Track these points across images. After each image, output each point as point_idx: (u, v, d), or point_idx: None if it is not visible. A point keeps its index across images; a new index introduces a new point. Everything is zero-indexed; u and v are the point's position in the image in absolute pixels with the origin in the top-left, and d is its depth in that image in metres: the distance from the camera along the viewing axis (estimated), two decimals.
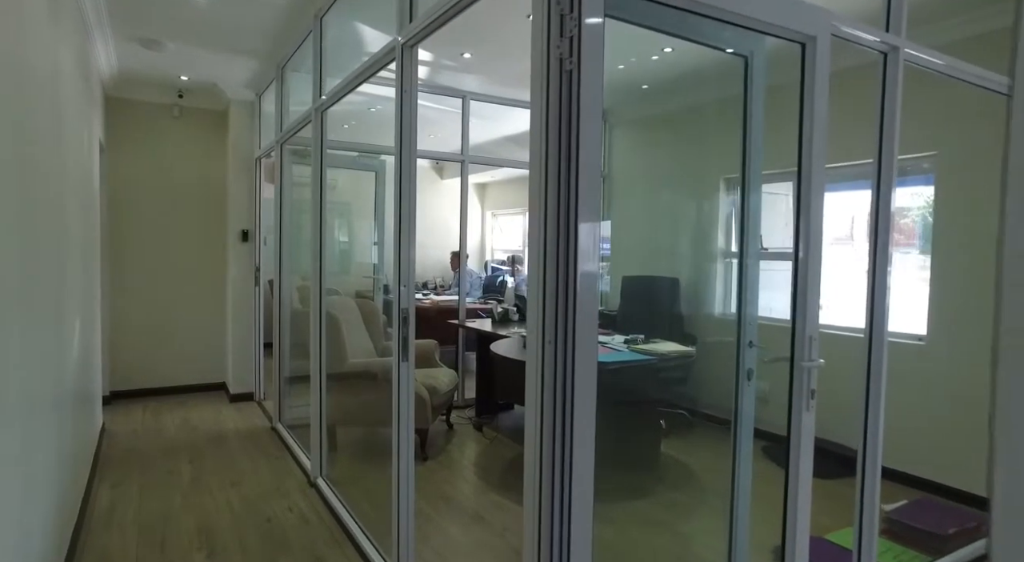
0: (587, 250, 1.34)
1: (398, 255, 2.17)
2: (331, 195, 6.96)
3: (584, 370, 1.35)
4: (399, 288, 2.16)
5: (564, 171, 1.37)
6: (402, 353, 2.16)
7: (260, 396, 5.06)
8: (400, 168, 2.18)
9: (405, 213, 2.17)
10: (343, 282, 6.58)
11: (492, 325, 4.71)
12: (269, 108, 4.48)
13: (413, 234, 2.18)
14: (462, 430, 4.43)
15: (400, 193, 2.18)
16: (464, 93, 4.90)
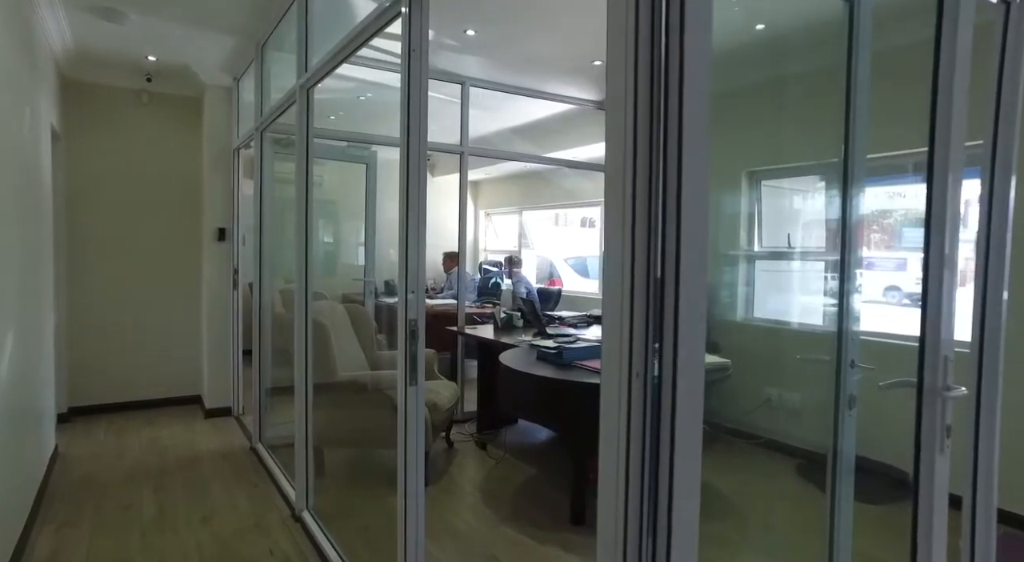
0: (695, 261, 0.95)
1: (405, 255, 1.76)
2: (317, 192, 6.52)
3: (688, 411, 0.96)
4: (405, 295, 1.75)
5: (656, 149, 0.98)
6: (410, 375, 1.75)
7: (239, 411, 4.60)
8: (408, 144, 1.77)
9: (413, 204, 1.76)
10: (330, 285, 6.14)
11: (495, 332, 4.31)
12: (249, 96, 4.04)
13: (422, 229, 1.77)
14: (464, 448, 4.02)
15: (408, 179, 1.77)
16: (464, 78, 4.49)
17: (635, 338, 0.97)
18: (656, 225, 1.00)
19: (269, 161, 3.82)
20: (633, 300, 0.97)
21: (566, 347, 3.08)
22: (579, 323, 4.64)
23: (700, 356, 0.99)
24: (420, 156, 1.79)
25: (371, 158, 4.51)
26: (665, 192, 0.99)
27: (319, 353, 3.43)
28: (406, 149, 1.77)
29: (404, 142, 1.77)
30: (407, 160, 1.77)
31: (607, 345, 1.01)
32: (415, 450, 1.82)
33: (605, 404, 1.02)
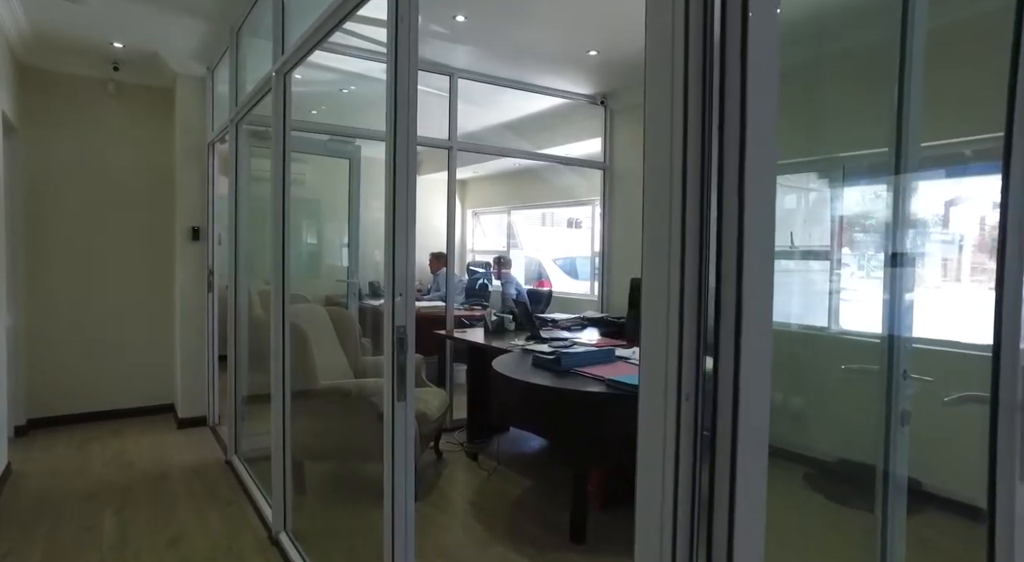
0: (759, 263, 0.76)
1: (392, 254, 1.55)
2: (299, 191, 6.27)
3: (752, 441, 0.77)
4: (392, 299, 1.54)
5: (709, 128, 0.79)
6: (398, 388, 1.53)
7: (214, 420, 4.34)
8: (395, 131, 1.56)
9: (401, 199, 1.55)
10: (312, 287, 5.89)
11: (485, 336, 4.10)
12: (224, 87, 3.79)
13: (412, 227, 1.56)
14: (453, 459, 3.80)
15: (395, 171, 1.56)
16: (452, 70, 4.28)
17: (685, 354, 0.77)
18: (707, 222, 0.80)
19: (245, 155, 3.58)
20: (683, 311, 0.78)
21: (564, 353, 2.89)
22: (573, 326, 4.45)
23: (766, 376, 0.80)
24: (410, 144, 1.58)
25: (354, 153, 4.28)
26: (721, 183, 0.80)
27: (298, 360, 3.21)
28: (392, 136, 1.56)
29: (391, 128, 1.56)
30: (394, 148, 1.56)
31: (648, 362, 0.82)
32: (403, 469, 1.61)
33: (645, 431, 0.83)
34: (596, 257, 6.50)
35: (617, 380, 2.50)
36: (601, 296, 5.19)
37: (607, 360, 2.95)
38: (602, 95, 4.94)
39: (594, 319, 4.68)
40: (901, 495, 1.37)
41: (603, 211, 5.14)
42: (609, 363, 2.93)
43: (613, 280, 5.09)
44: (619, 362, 2.97)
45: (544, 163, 6.69)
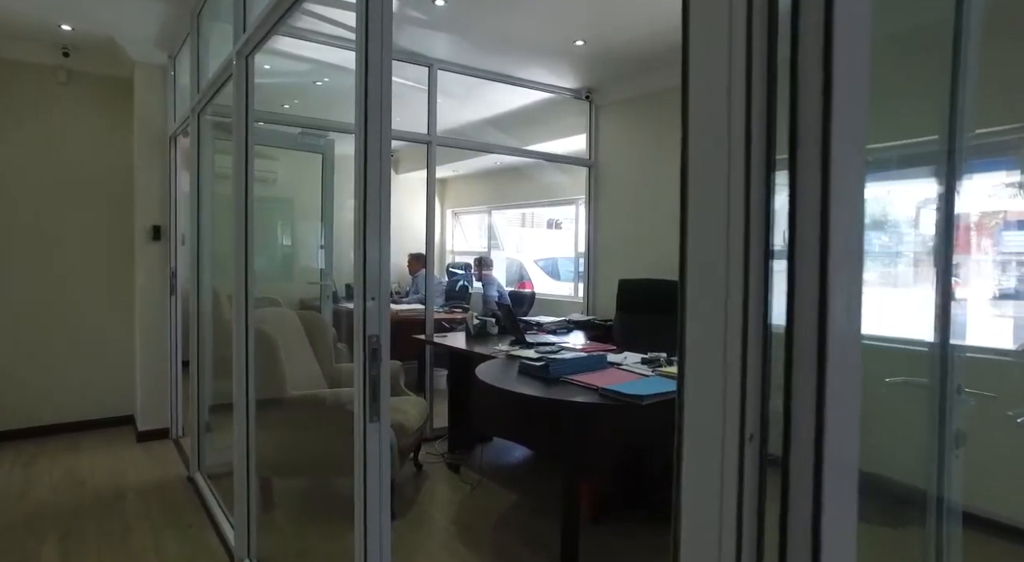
0: (846, 278, 0.58)
1: (362, 254, 1.34)
2: (271, 189, 5.99)
3: (839, 493, 0.59)
4: (363, 304, 1.33)
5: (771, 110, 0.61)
6: (370, 406, 1.33)
7: (177, 432, 4.06)
8: (365, 117, 1.35)
9: (373, 191, 1.35)
10: (286, 290, 5.63)
11: (467, 341, 3.89)
12: (187, 78, 3.53)
13: (386, 221, 1.36)
14: (434, 472, 3.59)
15: (365, 162, 1.35)
16: (431, 61, 4.07)
17: (749, 387, 0.59)
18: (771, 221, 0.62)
19: (208, 147, 3.33)
20: (746, 336, 0.59)
21: (553, 360, 2.70)
22: (559, 329, 4.27)
23: (855, 416, 0.61)
24: (383, 131, 1.38)
25: (327, 147, 4.05)
26: (795, 170, 0.62)
27: (265, 368, 2.97)
28: (363, 123, 1.35)
29: (360, 116, 1.36)
30: (364, 135, 1.35)
31: (696, 397, 0.63)
32: (377, 496, 1.40)
33: (695, 482, 0.64)
34: (580, 258, 6.35)
35: (612, 389, 2.31)
36: (586, 298, 5.02)
37: (598, 367, 2.77)
38: (587, 89, 4.78)
39: (580, 322, 4.51)
40: (956, 526, 1.21)
41: (588, 210, 4.97)
42: (601, 370, 2.74)
43: (599, 281, 4.93)
44: (611, 369, 2.79)
45: (527, 161, 6.51)
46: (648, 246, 4.47)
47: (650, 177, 4.46)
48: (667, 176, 4.32)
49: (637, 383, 2.44)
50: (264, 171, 5.90)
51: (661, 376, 2.60)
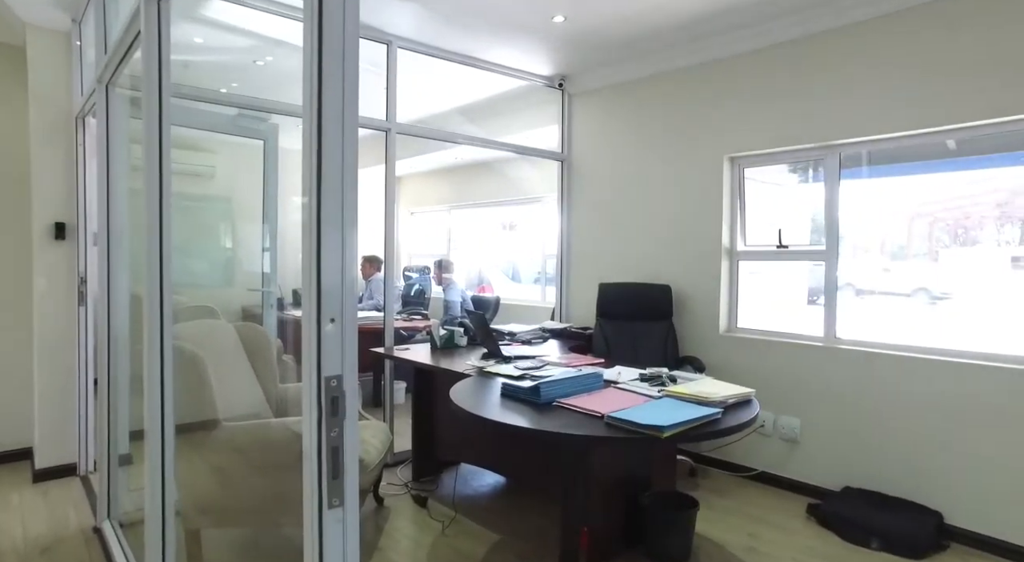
0: None
1: (314, 260, 0.89)
2: (208, 186, 5.35)
3: None
4: (317, 331, 0.88)
5: None
6: (329, 489, 0.88)
7: (87, 468, 3.43)
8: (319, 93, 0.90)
9: (331, 174, 0.90)
10: (224, 297, 5.02)
11: (432, 354, 3.44)
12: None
13: (351, 218, 0.91)
14: (398, 506, 3.12)
15: (319, 137, 0.90)
16: (390, 37, 3.60)
17: None
18: None
19: (121, 128, 2.75)
20: None
21: (543, 381, 2.28)
22: (534, 339, 3.87)
23: None
24: (346, 97, 0.93)
25: (270, 133, 3.52)
26: None
27: (191, 394, 2.46)
28: (315, 84, 0.90)
29: (312, 75, 0.91)
30: (317, 102, 0.90)
31: None
32: None
33: None
34: (549, 259, 5.97)
35: (622, 419, 1.92)
36: (560, 304, 4.64)
37: (594, 387, 2.37)
38: (560, 77, 4.40)
39: (556, 331, 4.12)
40: None
41: (560, 208, 4.59)
42: (597, 391, 2.35)
43: (573, 285, 4.56)
44: (609, 388, 2.41)
45: (490, 156, 6.10)
46: (626, 247, 4.13)
47: (628, 172, 4.12)
48: (646, 171, 3.99)
49: (648, 409, 2.06)
50: (200, 165, 5.27)
51: (671, 397, 2.22)
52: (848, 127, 3.07)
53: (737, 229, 3.66)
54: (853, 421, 3.07)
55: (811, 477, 3.21)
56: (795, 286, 3.81)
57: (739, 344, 3.55)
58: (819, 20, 3.11)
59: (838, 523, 2.80)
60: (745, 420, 2.02)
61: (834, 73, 3.10)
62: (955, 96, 2.72)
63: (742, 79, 3.48)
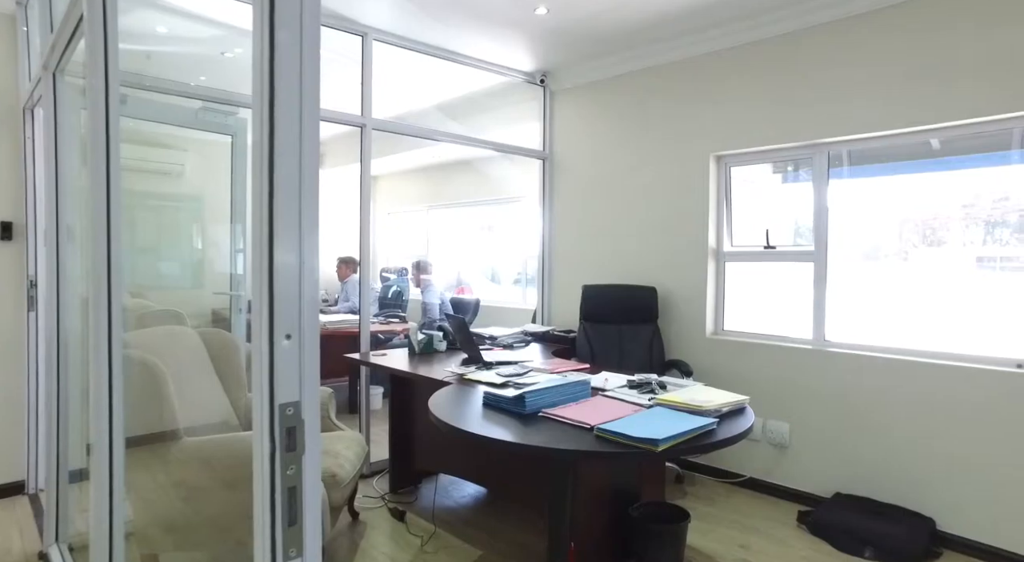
0: None
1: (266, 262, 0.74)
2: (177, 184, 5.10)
3: None
4: (268, 345, 0.73)
5: None
6: (284, 537, 0.73)
7: (35, 486, 3.20)
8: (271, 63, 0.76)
9: (286, 166, 0.76)
10: (194, 301, 4.79)
11: (410, 359, 3.29)
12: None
13: (311, 218, 0.77)
14: (374, 521, 2.96)
15: (271, 127, 0.76)
16: (365, 29, 3.44)
17: None
18: None
19: (71, 118, 2.55)
20: None
21: (528, 390, 2.15)
22: (516, 343, 3.74)
23: None
24: (305, 85, 0.79)
25: (239, 128, 3.33)
26: None
27: (148, 407, 2.28)
28: (266, 70, 0.76)
29: (263, 58, 0.76)
30: (269, 91, 0.76)
31: None
32: None
33: None
34: (530, 260, 5.85)
35: (613, 431, 1.80)
36: (541, 306, 4.52)
37: (581, 395, 2.25)
38: (542, 73, 4.28)
39: (538, 334, 4.00)
40: None
41: (542, 207, 4.47)
42: (585, 399, 2.23)
43: (555, 287, 4.44)
44: (597, 397, 2.29)
45: (469, 155, 5.96)
46: (610, 248, 4.03)
47: (611, 171, 4.01)
48: (631, 170, 3.89)
49: (639, 419, 1.94)
50: (168, 163, 5.04)
51: (662, 406, 2.11)
52: (838, 125, 3.00)
53: (724, 229, 3.58)
54: (843, 425, 3.00)
55: (801, 483, 3.13)
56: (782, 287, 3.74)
57: (726, 347, 3.47)
58: (808, 15, 3.04)
59: (830, 532, 2.72)
60: (740, 431, 1.92)
61: (824, 69, 3.04)
62: (943, 95, 2.66)
63: (729, 75, 3.40)
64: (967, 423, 2.63)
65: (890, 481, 2.84)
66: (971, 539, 2.62)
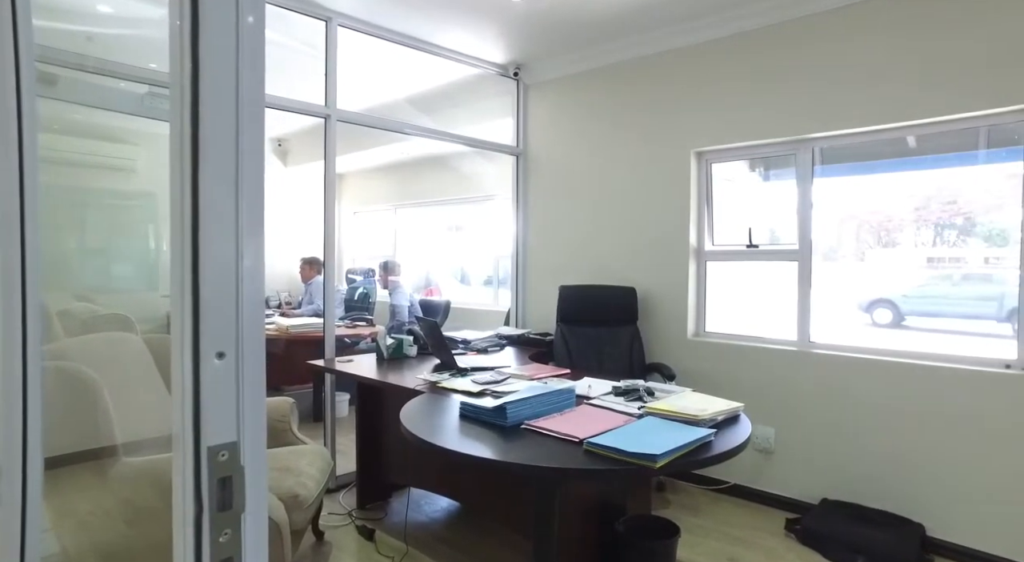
0: None
1: (188, 258, 0.55)
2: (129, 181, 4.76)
3: None
4: (193, 366, 0.54)
5: None
6: None
7: None
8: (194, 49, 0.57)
9: (219, 144, 0.57)
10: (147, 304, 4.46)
11: (378, 366, 3.08)
12: None
13: (255, 210, 0.58)
14: (340, 540, 2.75)
15: (195, 106, 0.57)
16: (330, 13, 3.23)
17: None
18: None
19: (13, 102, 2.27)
20: None
21: (507, 400, 1.98)
22: (491, 347, 3.56)
23: None
24: (241, 54, 0.60)
25: None
26: None
27: (80, 421, 2.04)
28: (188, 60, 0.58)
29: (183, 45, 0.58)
30: (189, 78, 0.58)
31: None
32: None
33: None
34: (503, 260, 5.68)
35: (605, 446, 1.65)
36: (516, 308, 4.35)
37: (566, 404, 2.09)
38: (516, 65, 4.12)
39: (513, 337, 3.83)
40: None
41: (515, 206, 4.31)
42: (570, 409, 2.07)
43: (530, 288, 4.28)
44: (582, 406, 2.13)
45: (438, 152, 5.75)
46: (588, 248, 3.89)
47: (588, 168, 3.88)
48: (608, 166, 3.76)
49: (631, 432, 1.79)
50: (118, 157, 4.71)
51: (653, 415, 1.97)
52: (825, 120, 2.91)
53: (705, 228, 3.48)
54: (829, 429, 2.92)
55: (787, 489, 3.04)
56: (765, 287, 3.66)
57: (708, 349, 3.36)
58: (793, 7, 2.95)
59: (820, 540, 2.62)
60: (738, 443, 1.78)
61: (808, 63, 2.95)
62: (924, 92, 2.60)
63: (710, 69, 3.30)
64: (955, 425, 2.57)
65: (878, 486, 2.77)
66: (961, 545, 2.55)
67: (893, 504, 2.72)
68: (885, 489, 2.75)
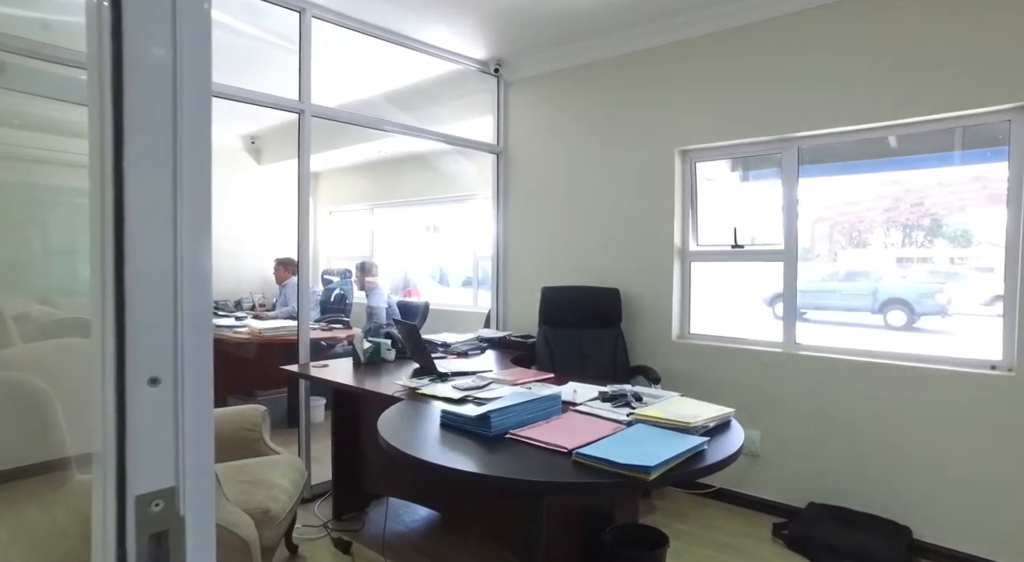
0: None
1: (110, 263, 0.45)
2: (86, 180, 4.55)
3: None
4: (118, 397, 0.44)
5: None
6: None
7: None
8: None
9: (153, 127, 0.47)
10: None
11: (355, 371, 2.96)
12: None
13: (201, 207, 0.48)
14: (315, 553, 2.62)
15: (117, 79, 0.47)
16: (303, 4, 3.09)
17: None
18: None
19: None
20: None
21: (491, 408, 1.89)
22: (471, 350, 3.46)
23: None
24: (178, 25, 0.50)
25: None
26: None
27: (29, 434, 1.91)
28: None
29: None
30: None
31: None
32: None
33: None
34: (483, 261, 5.58)
35: (596, 457, 1.56)
36: (496, 310, 4.26)
37: (552, 412, 2.01)
38: (496, 61, 4.03)
39: (493, 340, 3.73)
40: None
41: (496, 205, 4.22)
42: (556, 417, 1.99)
43: (511, 289, 4.19)
44: (569, 413, 2.05)
45: (420, 148, 5.63)
46: (570, 248, 3.81)
47: (570, 167, 3.80)
48: (591, 166, 3.69)
49: (621, 440, 1.71)
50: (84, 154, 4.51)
51: (642, 422, 1.89)
52: (809, 119, 2.88)
53: (689, 228, 3.42)
54: (815, 432, 2.88)
55: (773, 493, 3.00)
56: (749, 288, 3.63)
57: (694, 351, 3.31)
58: (781, 3, 2.91)
59: (807, 545, 2.58)
60: (732, 451, 1.73)
61: (795, 61, 2.91)
62: (910, 91, 2.57)
63: (695, 67, 3.25)
64: (941, 427, 2.55)
65: (864, 489, 2.74)
66: (947, 547, 2.53)
67: (880, 507, 2.69)
68: (872, 492, 2.72)
